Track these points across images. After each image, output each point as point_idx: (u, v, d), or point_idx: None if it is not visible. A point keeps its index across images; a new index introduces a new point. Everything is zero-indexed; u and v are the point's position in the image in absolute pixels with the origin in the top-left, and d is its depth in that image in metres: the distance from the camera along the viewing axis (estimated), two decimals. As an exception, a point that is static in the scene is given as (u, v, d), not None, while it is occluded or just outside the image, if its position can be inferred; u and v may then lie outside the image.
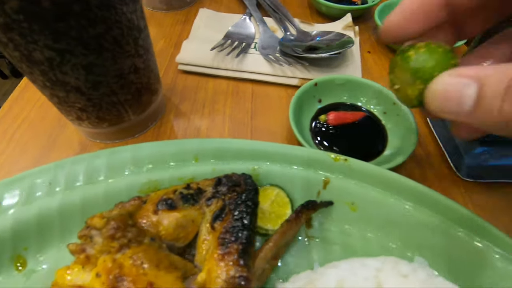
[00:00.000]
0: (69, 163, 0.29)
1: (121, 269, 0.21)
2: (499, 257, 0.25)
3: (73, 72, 0.27)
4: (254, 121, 0.41)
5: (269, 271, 0.26)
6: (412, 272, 0.21)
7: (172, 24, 0.55)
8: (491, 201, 0.33)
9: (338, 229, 0.30)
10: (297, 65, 0.45)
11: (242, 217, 0.24)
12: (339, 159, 0.30)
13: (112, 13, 0.26)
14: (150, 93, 0.36)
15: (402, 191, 0.28)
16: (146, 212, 0.25)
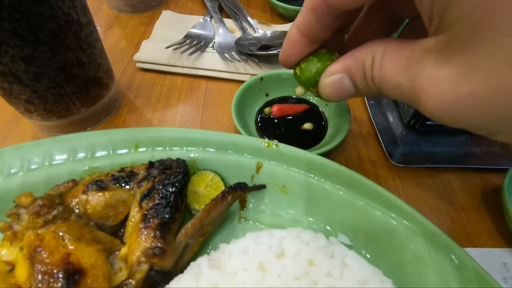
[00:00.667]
0: (10, 150, 0.30)
1: (41, 241, 0.22)
2: (407, 229, 0.26)
3: (13, 64, 0.29)
4: (205, 114, 0.42)
5: (196, 247, 0.27)
6: (313, 240, 0.23)
7: (136, 25, 0.57)
8: (418, 183, 0.35)
9: (271, 210, 0.31)
10: (250, 62, 0.48)
11: (167, 195, 0.26)
12: (271, 145, 0.32)
13: (46, 8, 0.27)
14: (99, 87, 0.38)
15: (327, 174, 0.30)
16: (76, 192, 0.26)
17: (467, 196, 0.35)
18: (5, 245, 0.24)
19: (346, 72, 0.20)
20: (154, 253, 0.23)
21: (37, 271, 0.20)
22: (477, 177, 0.36)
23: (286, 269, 0.21)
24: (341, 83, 0.21)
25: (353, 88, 0.21)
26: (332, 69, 0.21)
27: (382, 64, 0.18)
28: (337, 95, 0.22)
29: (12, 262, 0.24)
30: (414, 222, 0.27)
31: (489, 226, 0.33)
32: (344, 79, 0.21)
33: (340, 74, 0.20)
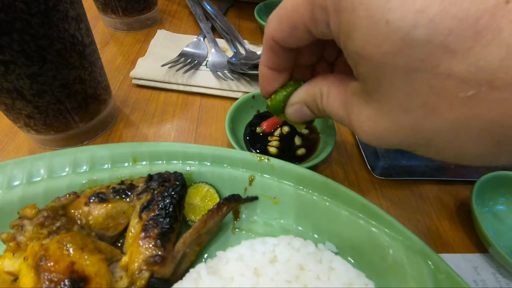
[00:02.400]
0: (11, 164, 0.31)
1: (46, 251, 0.23)
2: (387, 236, 0.29)
3: (18, 81, 0.30)
4: (199, 129, 0.45)
5: (193, 256, 0.29)
6: (303, 247, 0.25)
7: (132, 43, 0.60)
8: (397, 194, 0.38)
9: (263, 221, 0.33)
10: (242, 81, 0.50)
11: (166, 207, 0.28)
12: (263, 159, 0.34)
13: (55, 31, 0.29)
14: (98, 103, 0.39)
15: (314, 186, 0.33)
16: (78, 204, 0.27)
17: (441, 206, 0.38)
18: (7, 256, 0.25)
19: (304, 103, 0.25)
20: (154, 261, 0.24)
21: (44, 279, 0.21)
22: (450, 188, 0.40)
23: (278, 274, 0.23)
24: (301, 111, 0.26)
25: (311, 113, 0.26)
26: (292, 100, 0.26)
27: (328, 100, 0.23)
28: (300, 119, 0.27)
29: (14, 272, 0.24)
30: (394, 230, 0.29)
31: (461, 233, 0.36)
32: (303, 108, 0.26)
33: (300, 104, 0.26)
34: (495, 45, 0.13)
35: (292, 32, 0.21)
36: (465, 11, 0.13)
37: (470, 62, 0.13)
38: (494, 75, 0.13)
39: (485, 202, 0.36)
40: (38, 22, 0.28)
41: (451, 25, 0.13)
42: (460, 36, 0.13)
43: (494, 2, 0.13)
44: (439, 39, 0.14)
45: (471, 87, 0.14)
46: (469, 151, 0.16)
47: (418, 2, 0.14)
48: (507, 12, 0.13)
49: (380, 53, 0.15)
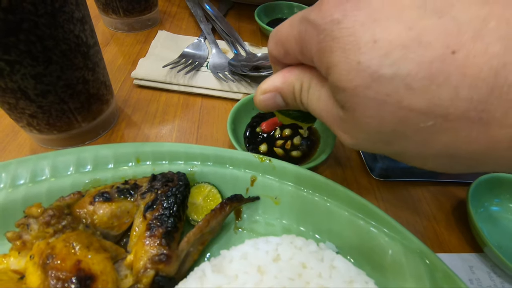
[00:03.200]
0: (15, 163, 0.31)
1: (53, 249, 0.23)
2: (386, 236, 0.30)
3: (23, 81, 0.30)
4: (200, 130, 0.45)
5: (196, 255, 0.29)
6: (305, 245, 0.25)
7: (133, 43, 0.60)
8: (395, 195, 0.39)
9: (264, 220, 0.34)
10: (242, 82, 0.51)
11: (170, 206, 0.28)
12: (264, 160, 0.35)
13: (60, 31, 0.30)
14: (100, 103, 0.39)
15: (315, 186, 0.33)
16: (83, 203, 0.28)
17: (438, 207, 0.39)
18: (12, 254, 0.25)
19: (278, 91, 0.26)
20: (160, 259, 0.25)
21: (51, 277, 0.22)
22: (446, 190, 0.41)
23: (281, 272, 0.23)
24: (273, 100, 0.27)
25: (284, 103, 0.27)
26: (265, 87, 0.27)
27: (309, 94, 0.24)
28: (269, 108, 0.28)
29: (19, 270, 0.25)
30: (393, 230, 0.30)
31: (457, 234, 0.37)
32: (276, 97, 0.27)
33: (273, 93, 0.26)
34: (446, 86, 0.16)
35: (285, 56, 0.24)
36: (421, 57, 0.16)
37: (428, 98, 0.16)
38: (447, 110, 0.16)
39: (480, 203, 0.37)
40: (45, 23, 0.28)
41: (410, 67, 0.16)
42: (417, 76, 0.16)
43: (443, 51, 0.15)
44: (401, 78, 0.16)
45: (430, 119, 0.17)
46: (432, 163, 0.20)
47: (384, 48, 0.16)
48: (453, 60, 0.15)
49: (353, 86, 0.18)
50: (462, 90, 0.15)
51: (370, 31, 0.17)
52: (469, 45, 0.15)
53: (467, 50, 0.15)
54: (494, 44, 0.15)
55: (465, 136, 0.16)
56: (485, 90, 0.15)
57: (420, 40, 0.16)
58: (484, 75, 0.15)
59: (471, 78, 0.15)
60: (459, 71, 0.15)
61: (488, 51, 0.15)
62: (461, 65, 0.15)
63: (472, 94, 0.15)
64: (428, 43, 0.16)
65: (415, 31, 0.16)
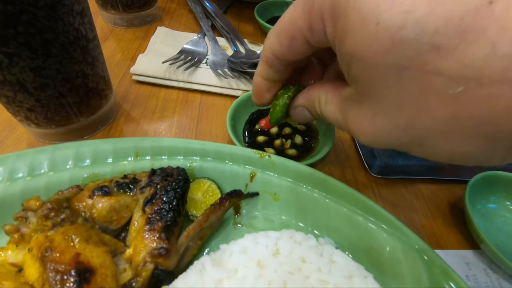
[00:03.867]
0: (12, 156, 0.31)
1: (51, 243, 0.23)
2: (384, 232, 0.30)
3: (21, 74, 0.30)
4: (200, 126, 0.45)
5: (195, 250, 0.29)
6: (304, 240, 0.25)
7: (132, 39, 0.60)
8: (393, 193, 0.39)
9: (263, 216, 0.34)
10: (242, 79, 0.51)
11: (170, 201, 0.28)
12: (264, 156, 0.35)
13: (60, 24, 0.29)
14: (99, 98, 0.39)
15: (314, 183, 0.33)
16: (82, 197, 0.28)
17: (435, 204, 0.39)
18: (10, 247, 0.25)
19: (305, 107, 0.26)
20: (159, 253, 0.25)
21: (50, 270, 0.22)
22: (444, 187, 0.41)
23: (281, 266, 0.23)
24: (303, 114, 0.27)
25: (312, 116, 0.27)
26: (295, 103, 0.27)
27: (326, 106, 0.24)
28: (303, 120, 0.28)
29: (17, 263, 0.25)
30: (391, 226, 0.30)
31: (454, 231, 0.37)
32: (305, 111, 0.27)
33: (301, 108, 0.27)
34: (479, 43, 0.13)
35: (290, 44, 0.22)
36: (450, 11, 0.14)
37: (457, 59, 0.14)
38: (480, 72, 0.14)
39: (477, 200, 0.37)
40: (44, 15, 0.28)
41: (437, 24, 0.14)
42: (445, 35, 0.14)
43: (477, 3, 0.13)
44: (426, 38, 0.14)
45: (459, 84, 0.14)
46: (461, 149, 0.16)
47: (406, 4, 0.14)
48: (490, 12, 0.13)
49: (371, 53, 0.16)
50: (501, 46, 0.13)
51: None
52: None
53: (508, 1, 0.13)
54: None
55: (505, 105, 0.14)
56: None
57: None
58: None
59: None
60: (497, 25, 0.13)
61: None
62: (499, 17, 0.13)
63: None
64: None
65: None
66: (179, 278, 0.24)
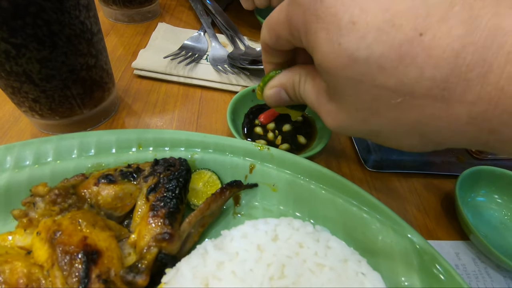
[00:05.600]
0: (19, 146, 0.32)
1: (59, 226, 0.24)
2: (378, 222, 0.31)
3: (28, 65, 0.31)
4: (200, 120, 0.46)
5: (196, 237, 0.30)
6: (302, 227, 0.27)
7: (133, 35, 0.60)
8: (387, 186, 0.41)
9: (262, 206, 0.35)
10: (241, 75, 0.52)
11: (173, 189, 0.29)
12: (263, 148, 0.36)
13: (66, 17, 0.30)
14: (102, 90, 0.40)
15: (311, 174, 0.35)
16: (88, 184, 0.29)
17: (428, 198, 0.41)
18: (18, 232, 0.26)
19: (282, 87, 0.29)
20: (163, 237, 0.26)
21: (59, 251, 0.22)
22: (436, 182, 0.42)
23: (280, 250, 0.24)
24: (279, 95, 0.30)
25: (288, 98, 0.29)
26: (272, 83, 0.30)
27: (305, 87, 0.27)
28: (277, 102, 0.30)
29: (25, 247, 0.25)
30: (384, 216, 0.31)
31: (445, 222, 0.38)
32: (281, 92, 0.29)
33: (278, 88, 0.29)
34: (412, 66, 0.17)
35: (277, 40, 0.26)
36: (392, 40, 0.17)
37: (397, 78, 0.18)
38: (413, 89, 0.18)
39: (467, 194, 0.39)
40: (52, 7, 0.29)
41: (382, 49, 0.18)
42: (388, 58, 0.18)
43: (412, 34, 0.17)
44: (374, 59, 0.18)
45: (398, 96, 0.18)
46: (405, 141, 0.21)
47: (361, 31, 0.18)
48: (420, 41, 0.17)
49: (333, 67, 0.20)
50: (427, 70, 0.17)
51: (349, 11, 0.18)
52: (435, 27, 0.17)
53: (433, 33, 0.17)
54: (457, 27, 0.16)
55: (430, 113, 0.18)
56: (447, 70, 0.17)
57: (394, 22, 0.17)
58: (446, 55, 0.16)
59: (435, 59, 0.17)
60: (425, 53, 0.17)
61: (451, 33, 0.16)
62: (427, 46, 0.17)
63: (435, 73, 0.17)
64: (400, 25, 0.17)
65: (389, 13, 0.18)
66: (183, 261, 0.25)
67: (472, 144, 0.19)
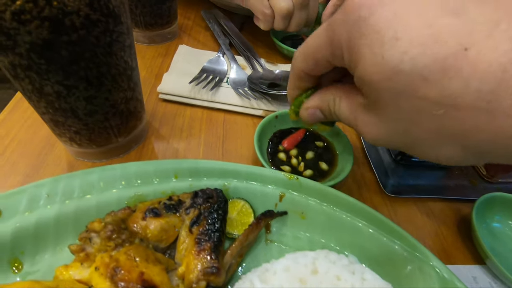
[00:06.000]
0: (65, 178, 0.34)
1: (117, 262, 0.26)
2: (404, 251, 0.33)
3: (75, 103, 0.33)
4: (225, 145, 0.48)
5: (235, 266, 0.32)
6: (338, 260, 0.29)
7: (154, 56, 0.62)
8: (407, 211, 0.43)
9: (292, 233, 0.37)
10: (262, 99, 0.54)
11: (214, 222, 0.31)
12: (292, 178, 0.38)
13: (113, 58, 0.32)
14: (135, 119, 0.42)
15: (338, 203, 0.37)
16: (136, 219, 0.30)
17: (444, 222, 0.43)
18: (74, 265, 0.28)
19: (318, 107, 0.31)
20: (211, 271, 0.28)
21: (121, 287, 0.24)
22: (452, 206, 0.45)
23: (320, 283, 0.26)
24: (314, 114, 0.32)
25: (323, 116, 0.32)
26: (308, 105, 0.32)
27: (340, 107, 0.28)
28: (313, 121, 0.33)
29: (82, 280, 0.27)
30: (409, 245, 0.33)
31: (462, 247, 0.41)
32: (317, 111, 0.32)
33: (314, 109, 0.32)
34: (457, 79, 0.18)
35: (316, 64, 0.28)
36: (436, 53, 0.18)
37: (440, 89, 0.19)
38: (456, 100, 0.18)
39: (482, 219, 0.41)
40: (103, 52, 0.31)
41: (426, 62, 0.18)
42: (432, 70, 0.18)
43: (456, 48, 0.18)
44: (417, 71, 0.19)
45: (441, 107, 0.19)
46: (444, 153, 0.22)
47: (403, 46, 0.19)
48: (465, 56, 0.18)
49: (377, 79, 0.21)
50: (472, 82, 0.17)
51: (393, 27, 0.19)
52: (481, 43, 0.17)
53: (479, 48, 0.17)
54: (503, 43, 0.17)
55: (473, 124, 0.18)
56: (494, 83, 0.17)
57: (437, 38, 0.18)
58: (493, 69, 0.17)
59: (481, 72, 0.17)
60: (470, 66, 0.17)
61: (498, 48, 0.17)
62: (472, 61, 0.17)
63: (481, 86, 0.17)
64: (444, 41, 0.18)
65: (433, 29, 0.18)
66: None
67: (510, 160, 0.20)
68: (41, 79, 0.30)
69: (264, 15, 0.58)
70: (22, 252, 0.31)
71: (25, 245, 0.31)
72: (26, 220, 0.31)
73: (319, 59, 0.27)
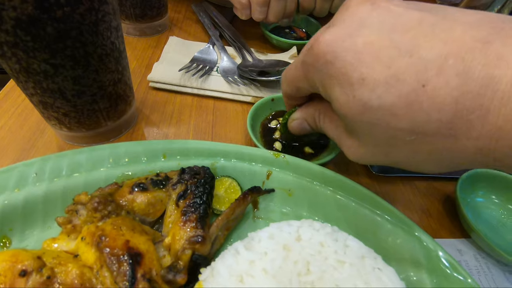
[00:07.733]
0: (54, 157, 0.34)
1: (103, 231, 0.27)
2: (388, 223, 0.34)
3: (63, 83, 0.33)
4: (215, 129, 0.49)
5: (222, 239, 0.33)
6: (322, 228, 0.29)
7: (145, 48, 0.63)
8: (393, 188, 0.44)
9: (279, 210, 0.38)
10: (251, 86, 0.55)
11: (201, 195, 0.32)
12: (279, 156, 0.38)
13: (100, 38, 0.33)
14: (125, 103, 0.43)
15: (325, 180, 0.37)
16: (123, 193, 0.31)
17: (430, 199, 0.44)
18: (61, 238, 0.28)
19: (304, 119, 0.35)
20: (196, 240, 0.28)
21: (106, 253, 0.25)
22: (438, 184, 0.46)
23: (304, 249, 0.27)
24: (302, 125, 0.36)
25: (310, 128, 0.36)
26: (295, 116, 0.37)
27: (324, 121, 0.32)
28: (301, 131, 0.37)
29: (70, 251, 0.28)
30: (394, 217, 0.34)
31: (447, 222, 0.41)
32: (304, 123, 0.36)
33: (301, 120, 0.36)
34: (420, 111, 0.21)
35: (297, 91, 0.32)
36: (400, 91, 0.21)
37: (409, 121, 0.21)
38: (424, 128, 0.21)
39: (467, 195, 0.42)
40: (89, 31, 0.31)
41: (392, 99, 0.21)
42: (398, 106, 0.21)
43: (415, 85, 0.20)
44: (386, 107, 0.22)
45: (413, 135, 0.22)
46: (423, 167, 0.25)
47: (370, 85, 0.22)
48: (424, 92, 0.20)
49: (350, 114, 0.24)
50: (433, 114, 0.20)
51: (358, 70, 0.22)
52: (434, 80, 0.20)
53: (433, 84, 0.20)
54: (453, 79, 0.19)
55: (442, 146, 0.22)
56: (450, 114, 0.20)
57: (398, 77, 0.21)
58: (448, 102, 0.20)
59: (439, 105, 0.20)
60: (429, 100, 0.20)
61: (449, 84, 0.20)
62: (430, 95, 0.20)
63: (441, 116, 0.20)
64: (403, 79, 0.21)
65: (393, 70, 0.21)
66: (217, 261, 0.27)
67: (482, 167, 0.23)
68: (27, 57, 0.30)
69: (240, 4, 0.59)
70: (11, 229, 0.31)
71: (14, 222, 0.31)
72: (14, 197, 0.31)
73: (300, 87, 0.31)
